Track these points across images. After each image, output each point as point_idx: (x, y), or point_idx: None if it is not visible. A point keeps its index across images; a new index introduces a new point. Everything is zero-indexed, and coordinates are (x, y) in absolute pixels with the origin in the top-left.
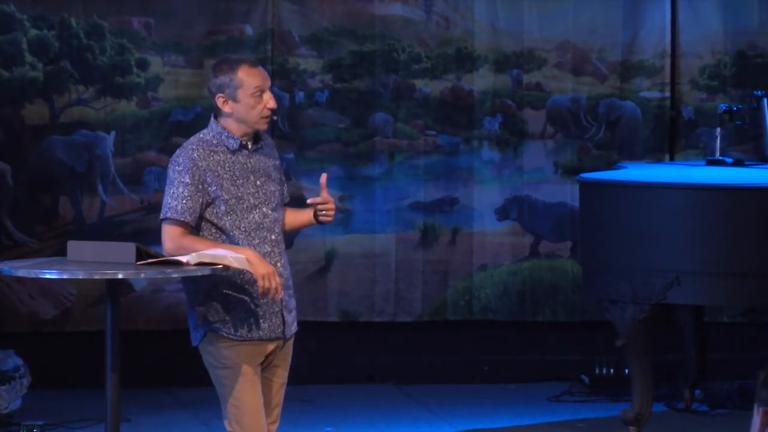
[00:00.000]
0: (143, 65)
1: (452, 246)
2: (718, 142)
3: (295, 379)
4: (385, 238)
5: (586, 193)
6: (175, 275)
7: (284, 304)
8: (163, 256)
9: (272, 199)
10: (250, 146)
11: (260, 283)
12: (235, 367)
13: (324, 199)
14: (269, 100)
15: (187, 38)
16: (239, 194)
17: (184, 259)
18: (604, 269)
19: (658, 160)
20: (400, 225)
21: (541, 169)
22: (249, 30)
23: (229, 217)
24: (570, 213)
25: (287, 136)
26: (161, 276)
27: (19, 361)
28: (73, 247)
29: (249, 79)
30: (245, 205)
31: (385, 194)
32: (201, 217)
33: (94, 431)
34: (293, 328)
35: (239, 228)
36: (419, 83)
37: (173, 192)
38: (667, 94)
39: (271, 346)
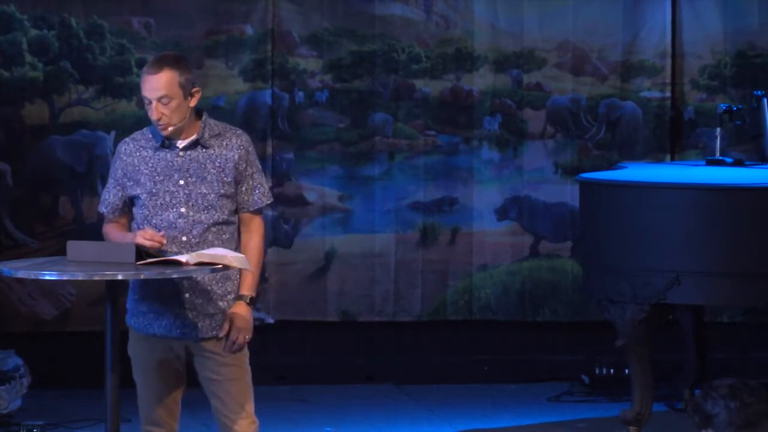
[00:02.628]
0: (143, 65)
1: (452, 246)
2: (718, 142)
3: (295, 379)
4: (384, 238)
5: (586, 193)
6: (175, 275)
7: (188, 306)
8: (163, 256)
9: (199, 201)
10: (180, 145)
11: (146, 243)
12: (135, 358)
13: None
14: (152, 113)
15: (187, 38)
16: (154, 191)
17: (183, 258)
18: (604, 269)
19: (659, 160)
20: (400, 225)
21: (541, 169)
22: (249, 30)
23: (141, 211)
24: (570, 213)
25: (287, 136)
26: (161, 276)
27: (19, 361)
28: (73, 247)
29: (142, 84)
30: (159, 202)
31: (384, 194)
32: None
33: (94, 431)
34: (209, 333)
35: (150, 224)
36: (419, 83)
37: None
38: (668, 94)
39: (169, 344)
